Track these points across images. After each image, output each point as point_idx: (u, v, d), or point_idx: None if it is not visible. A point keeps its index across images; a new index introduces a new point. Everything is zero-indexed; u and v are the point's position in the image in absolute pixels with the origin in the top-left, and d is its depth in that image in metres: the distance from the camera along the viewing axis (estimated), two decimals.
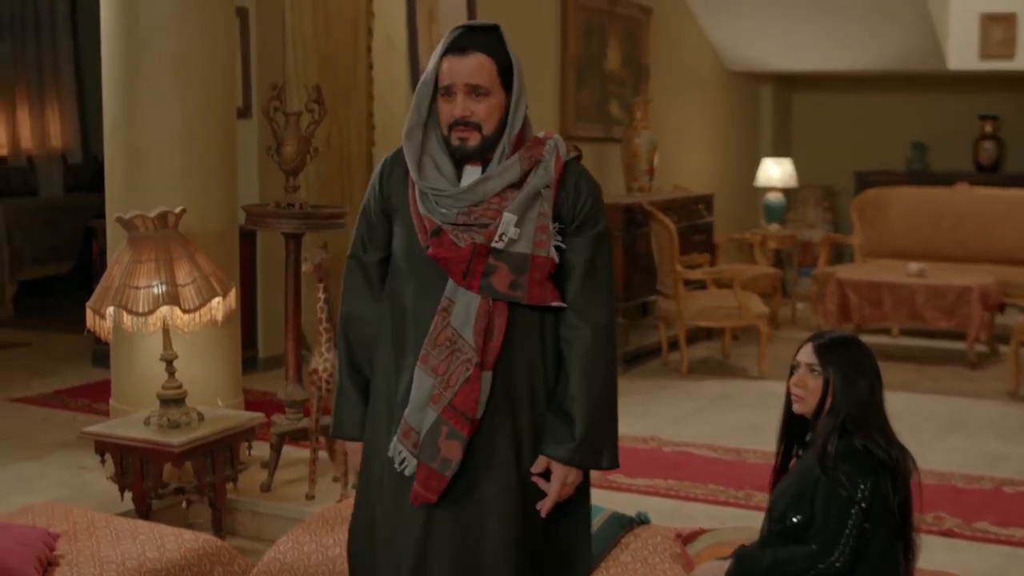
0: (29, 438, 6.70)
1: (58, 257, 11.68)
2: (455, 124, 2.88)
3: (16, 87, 13.14)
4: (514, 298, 2.89)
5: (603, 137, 9.53)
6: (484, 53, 2.88)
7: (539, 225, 2.88)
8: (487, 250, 2.86)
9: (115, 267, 4.94)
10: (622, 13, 9.75)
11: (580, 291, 2.95)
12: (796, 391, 3.42)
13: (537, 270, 2.89)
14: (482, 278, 2.87)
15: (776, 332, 9.62)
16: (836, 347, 3.41)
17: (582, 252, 2.95)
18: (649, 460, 6.34)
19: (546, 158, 2.93)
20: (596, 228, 2.97)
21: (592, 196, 2.98)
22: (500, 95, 2.90)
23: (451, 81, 2.88)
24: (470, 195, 2.88)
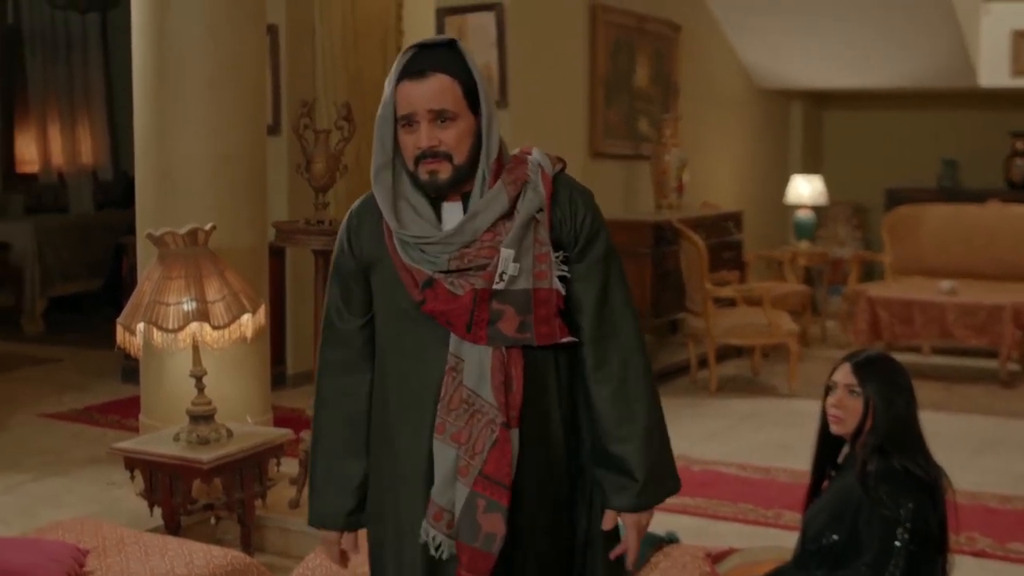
0: (59, 454, 6.72)
1: (88, 273, 11.74)
2: (422, 156, 2.54)
3: (47, 104, 13.23)
4: (524, 341, 2.58)
5: (632, 154, 9.51)
6: (444, 73, 2.54)
7: (536, 255, 2.57)
8: (489, 294, 2.55)
9: (145, 284, 4.95)
10: (651, 30, 9.74)
11: (599, 323, 2.65)
12: (835, 412, 3.39)
13: (541, 305, 2.58)
14: (489, 327, 2.56)
15: (806, 350, 9.57)
16: (874, 366, 3.38)
17: (593, 279, 2.65)
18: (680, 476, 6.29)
19: (532, 178, 2.60)
20: (601, 246, 2.67)
21: (589, 209, 2.67)
22: (468, 118, 2.56)
23: (411, 109, 2.54)
24: (459, 236, 2.54)
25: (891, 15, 10.26)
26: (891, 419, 3.30)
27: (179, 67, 5.71)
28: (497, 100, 7.70)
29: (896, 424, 3.30)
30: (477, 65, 2.58)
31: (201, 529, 5.22)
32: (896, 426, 3.30)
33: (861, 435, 3.33)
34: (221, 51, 5.75)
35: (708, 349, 8.53)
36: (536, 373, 2.62)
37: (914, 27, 10.39)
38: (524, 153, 2.66)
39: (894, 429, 3.30)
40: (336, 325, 2.77)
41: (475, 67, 2.57)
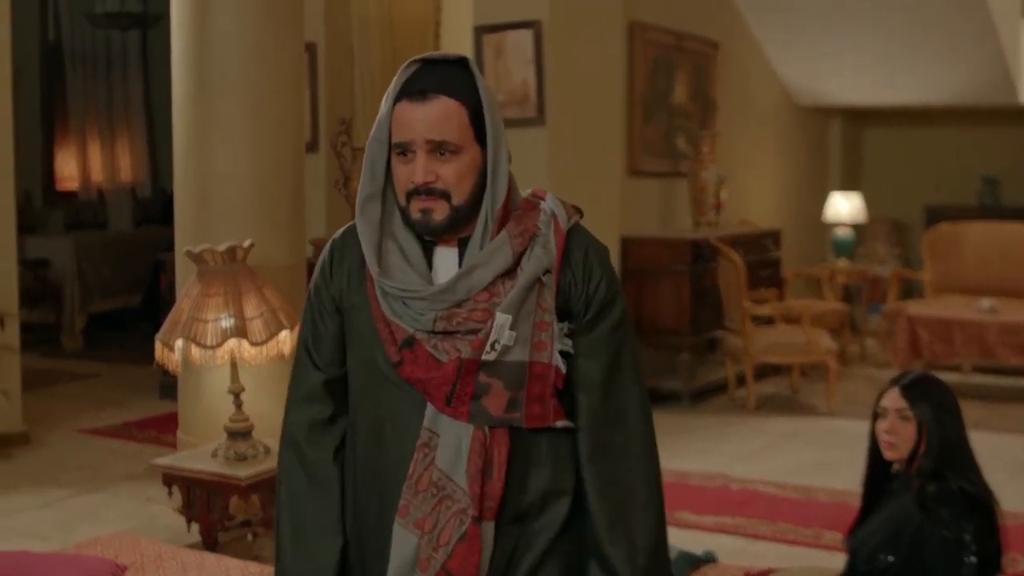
0: (98, 469, 6.75)
1: (127, 290, 11.81)
2: (414, 192, 2.17)
3: (87, 122, 13.34)
4: (511, 422, 2.20)
5: (670, 171, 9.49)
6: (450, 96, 2.16)
7: (537, 322, 2.20)
8: (477, 364, 2.17)
9: (184, 300, 4.97)
10: (689, 47, 9.72)
11: (600, 405, 2.27)
12: (888, 438, 3.37)
13: (536, 381, 2.20)
14: (472, 402, 2.18)
15: (845, 369, 9.51)
16: (922, 388, 3.38)
17: (600, 354, 2.27)
18: (716, 498, 6.27)
19: (543, 231, 2.23)
20: (615, 316, 2.29)
21: (606, 272, 2.29)
22: (473, 152, 2.18)
23: (408, 136, 2.16)
24: (450, 294, 2.17)
25: (931, 32, 10.21)
26: (944, 440, 3.29)
27: (218, 85, 5.73)
28: (534, 117, 7.70)
29: (949, 445, 3.30)
30: (489, 89, 2.22)
31: (238, 545, 5.22)
32: (949, 447, 3.30)
33: (915, 459, 3.33)
34: (260, 69, 5.78)
35: (746, 367, 8.49)
36: (523, 459, 2.24)
37: (954, 44, 10.33)
38: (536, 197, 2.30)
39: (948, 450, 3.29)
40: (306, 371, 2.38)
41: (486, 91, 2.20)
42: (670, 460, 6.78)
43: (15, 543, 5.38)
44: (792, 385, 9.01)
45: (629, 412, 2.30)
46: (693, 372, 8.74)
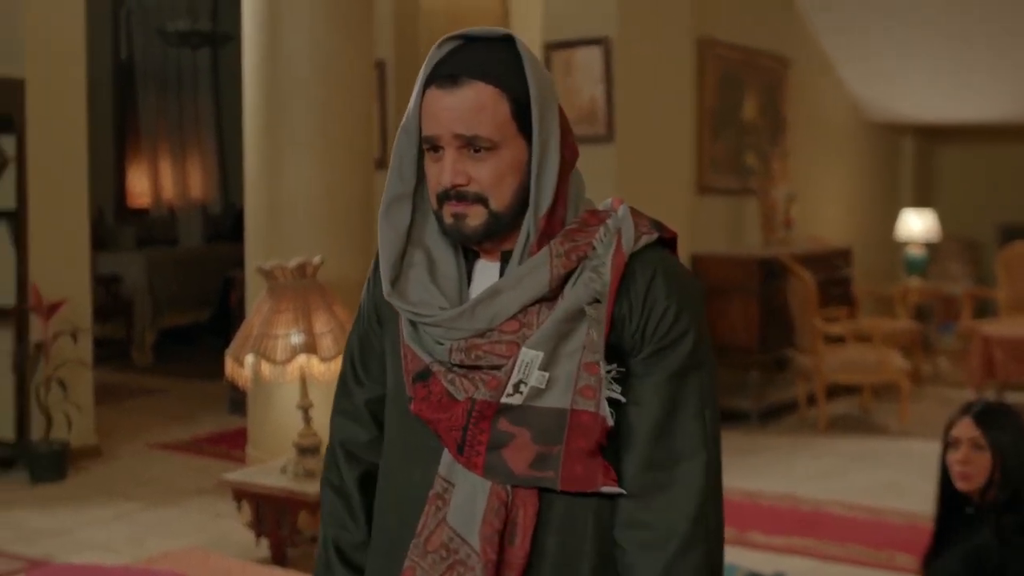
0: (168, 483, 6.79)
1: (197, 305, 11.91)
2: (444, 196, 1.81)
3: (159, 139, 13.47)
4: (540, 482, 1.80)
5: (739, 188, 9.43)
6: (486, 81, 1.78)
7: (584, 363, 1.78)
8: (494, 409, 1.79)
9: (255, 316, 4.99)
10: (759, 64, 9.66)
11: (644, 469, 1.82)
12: (962, 469, 3.30)
13: (579, 435, 1.78)
14: (489, 453, 1.80)
15: (917, 388, 9.39)
16: (995, 416, 3.32)
17: (655, 401, 1.82)
18: (786, 518, 6.20)
19: (598, 251, 1.81)
20: (681, 355, 1.83)
21: (675, 303, 1.83)
22: (517, 147, 1.80)
23: (435, 129, 1.80)
24: (468, 321, 1.80)
25: (1005, 48, 10.08)
26: (1021, 468, 3.24)
27: (289, 102, 5.77)
28: (603, 134, 7.68)
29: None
30: (542, 73, 1.82)
31: (307, 561, 5.22)
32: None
33: (990, 488, 3.27)
34: (330, 86, 5.80)
35: (817, 387, 8.40)
36: (555, 528, 1.83)
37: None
38: (611, 208, 1.90)
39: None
40: (350, 389, 2.12)
41: (536, 75, 1.80)
42: (739, 480, 6.72)
43: (86, 556, 5.42)
44: (863, 405, 8.90)
45: (683, 485, 1.83)
46: (763, 391, 8.67)
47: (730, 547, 5.69)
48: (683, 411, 1.83)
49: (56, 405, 6.88)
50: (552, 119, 1.82)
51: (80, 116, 7.28)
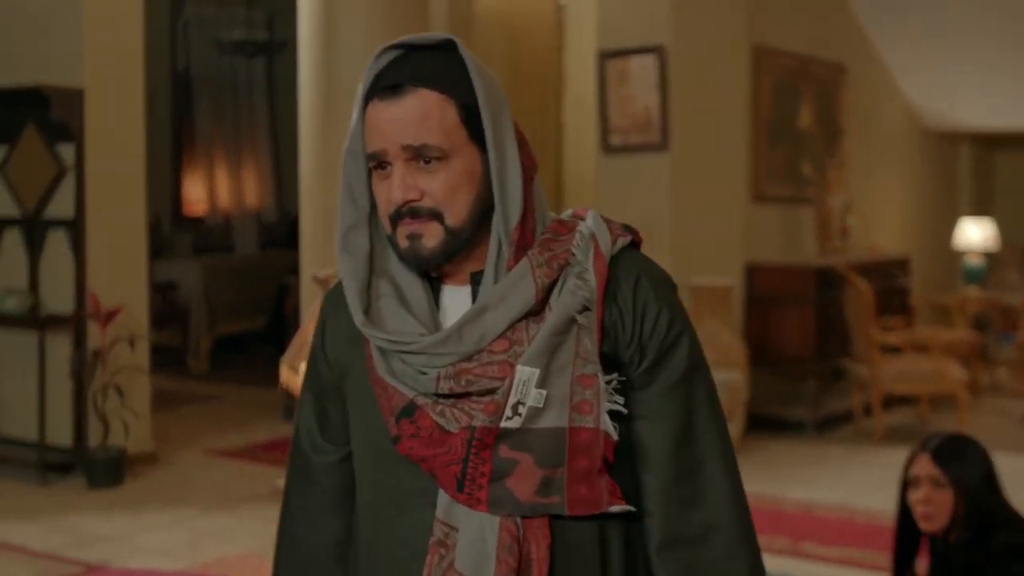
0: (224, 490, 6.82)
1: (252, 313, 11.98)
2: (397, 216, 1.69)
3: (215, 148, 13.58)
4: (549, 509, 1.69)
5: (795, 197, 9.37)
6: (431, 87, 1.68)
7: (577, 376, 1.69)
8: (495, 435, 1.67)
9: (309, 323, 5.01)
10: (815, 72, 9.60)
11: (675, 481, 1.76)
12: (924, 509, 3.20)
13: (581, 454, 1.68)
14: (492, 485, 1.68)
15: (975, 399, 9.29)
16: (955, 451, 3.24)
17: (666, 415, 1.76)
18: (841, 529, 6.15)
19: (578, 258, 1.72)
20: (681, 359, 1.77)
21: (665, 305, 1.76)
22: (469, 157, 1.69)
23: (380, 144, 1.69)
24: (455, 344, 1.68)
25: None
26: (984, 502, 3.15)
27: (344, 110, 5.78)
28: (657, 143, 7.65)
29: (990, 504, 3.16)
30: (488, 76, 1.72)
31: None
32: (990, 506, 3.16)
33: (954, 527, 3.17)
34: None
35: (873, 397, 8.33)
36: (572, 557, 1.73)
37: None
38: (576, 217, 1.80)
39: (989, 510, 3.15)
40: (305, 453, 1.93)
41: (482, 78, 1.70)
42: (794, 490, 6.67)
43: (143, 561, 5.46)
44: (920, 416, 8.81)
45: (713, 489, 1.78)
46: (819, 401, 8.60)
47: (784, 558, 5.66)
48: (698, 416, 1.78)
49: (113, 411, 6.93)
50: (506, 124, 1.71)
51: (138, 125, 7.34)
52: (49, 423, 7.00)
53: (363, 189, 1.76)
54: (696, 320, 7.39)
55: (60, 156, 7.07)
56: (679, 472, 1.75)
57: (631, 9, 7.76)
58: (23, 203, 7.25)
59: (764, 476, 7.05)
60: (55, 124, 7.02)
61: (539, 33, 9.71)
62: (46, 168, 7.11)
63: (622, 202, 7.68)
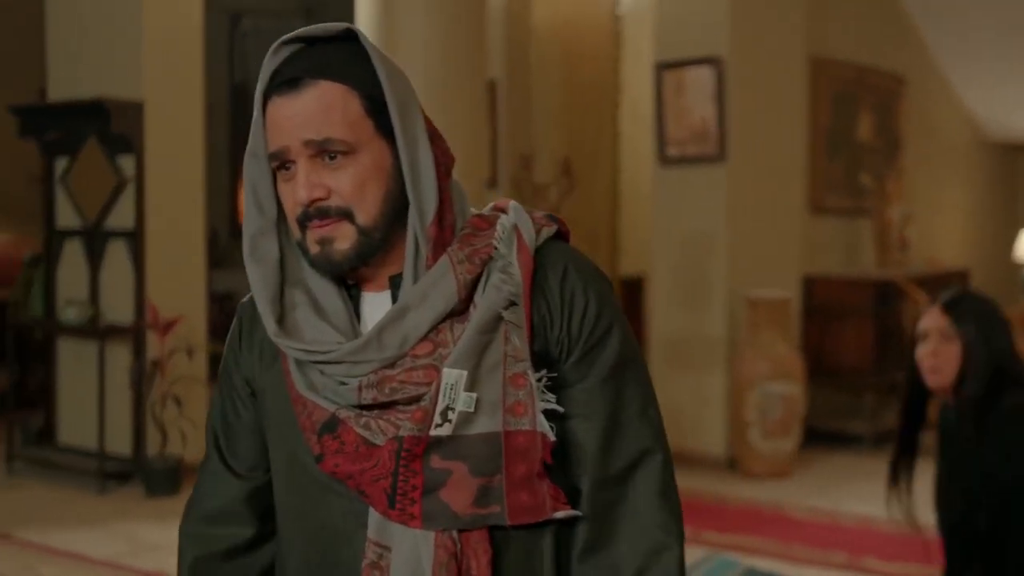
0: None
1: None
2: (305, 216, 1.59)
3: None
4: (489, 520, 1.58)
5: (853, 209, 9.30)
6: (331, 79, 1.58)
7: (509, 376, 1.58)
8: (424, 444, 1.56)
9: None
10: (874, 83, 9.53)
11: (601, 479, 1.65)
12: (932, 362, 3.06)
13: (519, 459, 1.57)
14: (425, 498, 1.57)
15: None
16: (965, 304, 3.10)
17: (597, 410, 1.65)
18: (902, 545, 6.08)
19: (502, 251, 1.62)
20: (612, 351, 1.66)
21: (594, 297, 1.66)
22: (377, 150, 1.59)
23: (281, 142, 1.59)
24: (375, 350, 1.57)
25: None
26: (994, 356, 3.01)
27: None
28: (714, 154, 7.62)
29: (1000, 360, 3.01)
30: (392, 65, 1.63)
31: None
32: (1001, 362, 3.01)
33: (963, 381, 3.05)
34: (442, 106, 5.83)
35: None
36: (515, 570, 1.63)
37: None
38: (497, 210, 1.69)
39: (1000, 367, 3.00)
40: (214, 472, 1.83)
41: (386, 68, 1.60)
42: (853, 504, 6.61)
43: None
44: None
45: (640, 492, 1.66)
46: (877, 415, 8.51)
47: (842, 572, 5.61)
48: (628, 410, 1.66)
49: (171, 421, 6.98)
50: (415, 115, 1.62)
51: (197, 137, 7.40)
52: (108, 432, 7.06)
53: (268, 193, 1.66)
54: (753, 332, 7.38)
55: (120, 168, 7.13)
56: (606, 474, 1.64)
57: (688, 20, 7.74)
58: (84, 214, 7.33)
59: (821, 490, 6.99)
60: (116, 136, 7.09)
61: (596, 44, 9.70)
62: (107, 180, 7.19)
63: (678, 213, 7.66)
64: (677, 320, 7.81)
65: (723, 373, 7.64)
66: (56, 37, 7.59)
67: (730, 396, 7.57)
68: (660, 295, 7.91)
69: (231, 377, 1.79)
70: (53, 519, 6.39)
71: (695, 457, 7.49)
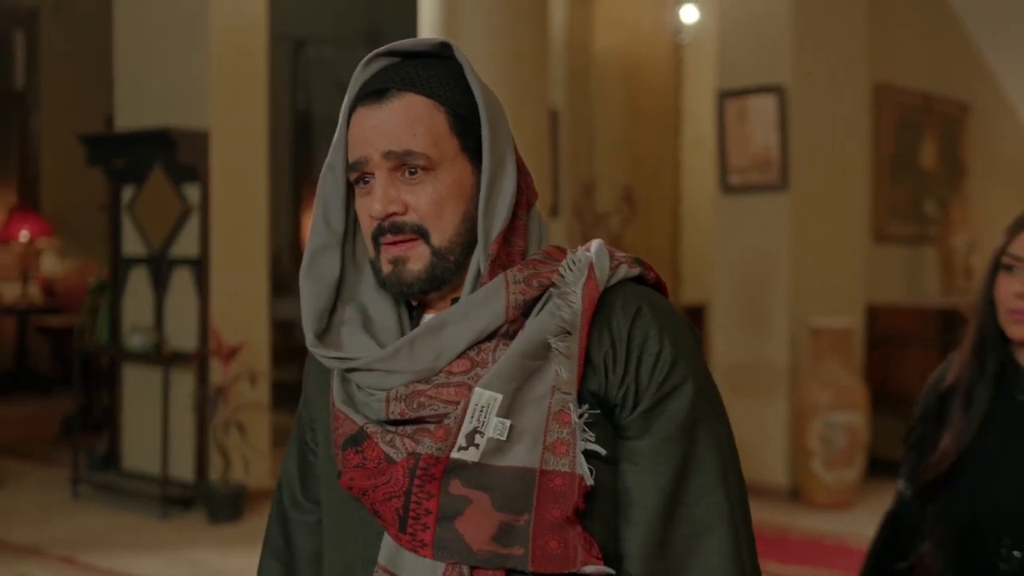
0: None
1: None
2: (379, 231, 1.52)
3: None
4: (508, 562, 1.44)
5: (917, 236, 9.22)
6: (418, 91, 1.51)
7: (556, 411, 1.45)
8: (445, 466, 1.45)
9: None
10: (938, 110, 9.46)
11: (659, 548, 1.49)
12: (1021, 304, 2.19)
13: (552, 502, 1.44)
14: (439, 526, 1.45)
15: None
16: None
17: (659, 465, 1.49)
18: None
19: (567, 279, 1.49)
20: (683, 405, 1.51)
21: (668, 342, 1.51)
22: (460, 168, 1.52)
23: (361, 152, 1.52)
24: (407, 360, 1.48)
25: None
26: None
27: None
28: (777, 182, 7.59)
29: None
30: (487, 86, 1.56)
31: None
32: None
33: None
34: None
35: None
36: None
37: None
38: (584, 249, 1.56)
39: None
40: (284, 510, 1.77)
41: (480, 85, 1.53)
42: None
43: None
44: None
45: (705, 564, 1.49)
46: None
47: None
48: (700, 475, 1.50)
49: (234, 447, 7.02)
50: (505, 138, 1.54)
51: (261, 165, 7.46)
52: (172, 458, 7.12)
53: (339, 208, 1.58)
54: (816, 361, 7.33)
55: (185, 196, 7.21)
56: (665, 541, 1.49)
57: (751, 48, 7.72)
58: (150, 242, 7.41)
59: None
60: (181, 165, 7.16)
61: (658, 72, 9.70)
62: (172, 208, 7.26)
63: (740, 241, 7.62)
64: (739, 348, 7.76)
65: (785, 402, 7.59)
66: (123, 66, 7.69)
67: (792, 425, 7.51)
68: (722, 323, 7.87)
69: (302, 416, 1.76)
70: (116, 543, 6.44)
71: (757, 487, 7.43)
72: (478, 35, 5.86)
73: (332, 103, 13.57)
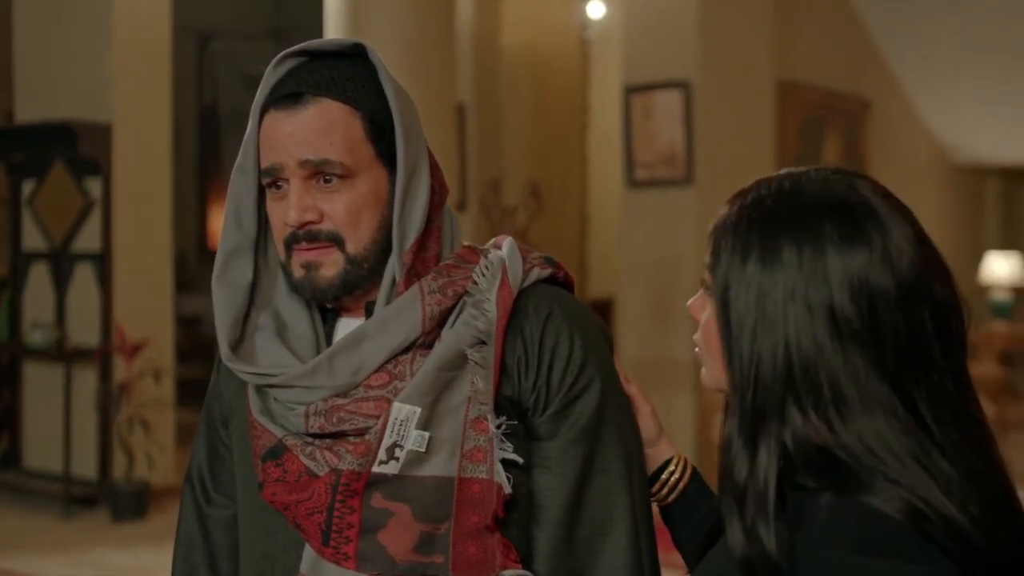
0: None
1: None
2: (293, 238, 1.51)
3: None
4: (430, 570, 1.46)
5: None
6: (335, 97, 1.50)
7: (472, 419, 1.47)
8: (366, 481, 1.46)
9: None
10: (841, 107, 9.60)
11: (565, 546, 1.51)
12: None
13: (471, 510, 1.46)
14: (362, 539, 1.46)
15: (1003, 434, 9.21)
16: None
17: (566, 465, 1.51)
18: None
19: (481, 286, 1.51)
20: (589, 407, 1.52)
21: (579, 345, 1.52)
22: (375, 176, 1.51)
23: (275, 159, 1.50)
24: (327, 375, 1.48)
25: None
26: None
27: None
28: (682, 178, 7.65)
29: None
30: (400, 88, 1.55)
31: None
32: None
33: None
34: None
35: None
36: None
37: None
38: (494, 247, 1.58)
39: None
40: (200, 504, 1.74)
41: (396, 90, 1.53)
42: None
43: None
44: None
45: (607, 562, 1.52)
46: None
47: None
48: (604, 476, 1.52)
49: (138, 445, 6.94)
50: (420, 142, 1.54)
51: (165, 159, 7.38)
52: (74, 456, 7.01)
53: (251, 211, 1.57)
54: None
55: (88, 190, 7.11)
56: (570, 539, 1.51)
57: (657, 44, 7.77)
58: (51, 237, 7.29)
59: None
60: (83, 159, 7.06)
61: (565, 67, 9.73)
62: (74, 202, 7.16)
63: (646, 236, 7.67)
64: (645, 342, 7.82)
65: (691, 396, 7.65)
66: (24, 59, 7.57)
67: (698, 419, 7.58)
68: (629, 317, 7.92)
69: (212, 407, 1.73)
70: (18, 544, 6.33)
71: None
72: (385, 30, 5.84)
73: (239, 97, 13.46)
